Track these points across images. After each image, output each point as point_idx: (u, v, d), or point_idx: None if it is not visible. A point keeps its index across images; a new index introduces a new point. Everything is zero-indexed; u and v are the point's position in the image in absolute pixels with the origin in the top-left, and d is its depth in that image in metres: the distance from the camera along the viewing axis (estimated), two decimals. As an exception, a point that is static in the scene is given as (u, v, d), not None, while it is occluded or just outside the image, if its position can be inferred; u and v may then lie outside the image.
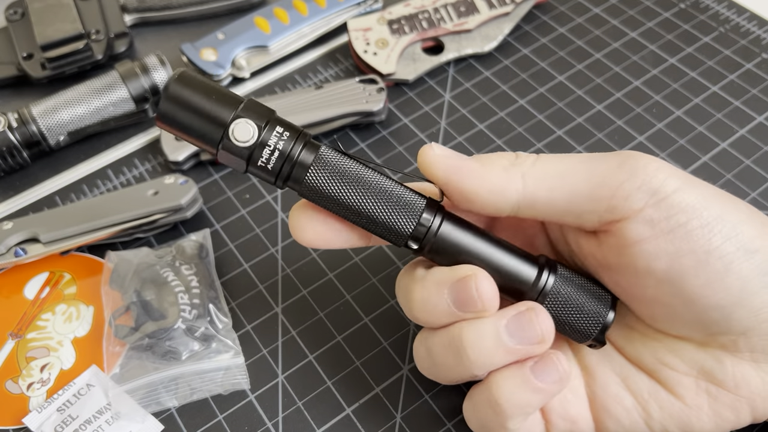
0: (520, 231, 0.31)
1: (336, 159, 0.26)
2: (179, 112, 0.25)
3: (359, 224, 0.27)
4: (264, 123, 0.25)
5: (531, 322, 0.26)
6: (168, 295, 0.34)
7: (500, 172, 0.26)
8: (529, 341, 0.26)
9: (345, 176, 0.26)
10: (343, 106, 0.42)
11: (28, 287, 0.38)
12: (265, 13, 0.48)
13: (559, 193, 0.26)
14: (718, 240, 0.25)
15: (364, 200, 0.26)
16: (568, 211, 0.26)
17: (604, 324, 0.28)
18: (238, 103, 0.25)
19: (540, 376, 0.26)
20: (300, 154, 0.26)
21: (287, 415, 0.32)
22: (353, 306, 0.36)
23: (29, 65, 0.46)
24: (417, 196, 0.27)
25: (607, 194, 0.26)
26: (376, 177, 0.26)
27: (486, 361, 0.26)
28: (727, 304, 0.25)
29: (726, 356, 0.27)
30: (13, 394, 0.34)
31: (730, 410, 0.27)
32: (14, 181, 0.43)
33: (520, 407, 0.26)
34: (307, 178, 0.26)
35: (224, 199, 0.41)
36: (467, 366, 0.26)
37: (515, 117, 0.44)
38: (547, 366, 0.26)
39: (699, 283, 0.25)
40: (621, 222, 0.26)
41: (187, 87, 0.25)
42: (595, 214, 0.26)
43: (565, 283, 0.28)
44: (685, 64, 0.46)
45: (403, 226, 0.26)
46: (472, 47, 0.46)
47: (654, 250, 0.25)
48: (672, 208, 0.25)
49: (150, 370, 0.33)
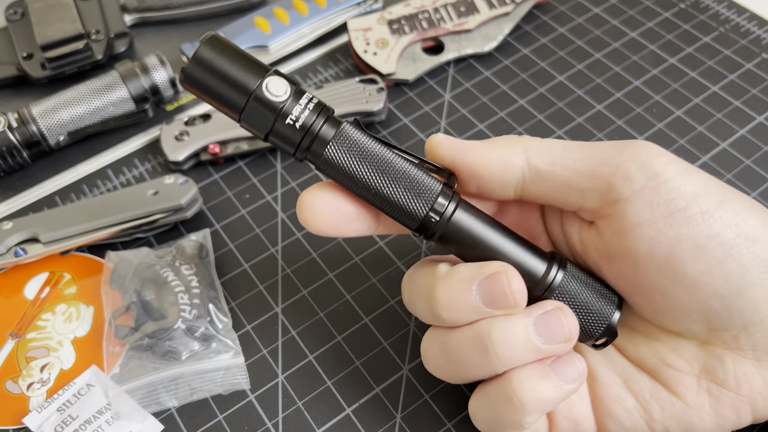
0: (523, 230, 0.31)
1: (357, 136, 0.26)
2: (209, 71, 0.25)
3: (373, 203, 0.27)
4: (294, 88, 0.26)
5: (559, 320, 0.26)
6: (168, 295, 0.34)
7: (504, 144, 0.27)
8: (557, 340, 0.26)
9: (364, 153, 0.26)
10: (343, 106, 0.42)
11: (28, 287, 0.38)
12: (265, 13, 0.48)
13: (560, 169, 0.27)
14: (718, 226, 0.25)
15: (381, 179, 0.26)
16: (570, 187, 0.27)
17: (609, 324, 0.28)
18: (268, 68, 0.26)
19: (560, 373, 0.26)
20: (323, 127, 0.26)
21: (287, 415, 0.32)
22: (353, 306, 0.36)
23: (29, 65, 0.46)
24: (433, 181, 0.27)
25: (607, 171, 0.26)
26: (394, 157, 0.27)
27: (513, 358, 0.26)
28: (726, 292, 0.25)
29: (728, 355, 0.27)
30: (13, 394, 0.34)
31: (731, 410, 0.27)
32: (14, 181, 0.43)
33: (540, 403, 0.26)
34: (327, 151, 0.26)
35: (224, 199, 0.41)
36: (494, 363, 0.26)
37: (515, 117, 0.44)
38: (567, 364, 0.26)
39: (698, 268, 0.25)
40: (621, 202, 0.26)
41: (218, 48, 0.25)
42: (596, 192, 0.26)
43: (573, 279, 0.28)
44: (685, 64, 0.46)
45: (417, 208, 0.26)
46: (472, 47, 0.46)
47: (654, 233, 0.25)
48: (671, 192, 0.25)
49: (150, 370, 0.33)
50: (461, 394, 0.33)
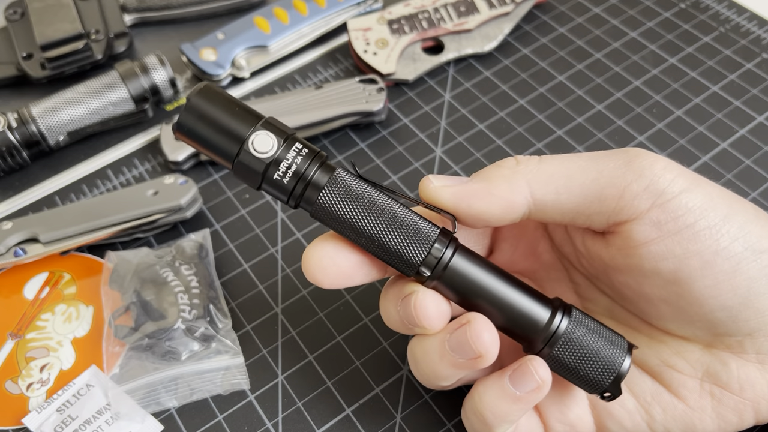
0: (522, 238, 0.31)
1: (350, 182, 0.26)
2: (200, 122, 0.25)
3: (368, 249, 0.26)
4: (284, 138, 0.25)
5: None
6: (168, 295, 0.34)
7: (505, 186, 0.26)
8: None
9: (358, 199, 0.25)
10: (343, 106, 0.42)
11: (27, 287, 0.38)
12: (265, 12, 0.48)
13: (566, 197, 0.26)
14: (725, 241, 0.25)
15: (375, 225, 0.25)
16: (578, 212, 0.26)
17: (618, 373, 0.26)
18: (259, 118, 0.25)
19: (518, 386, 0.26)
20: (315, 174, 0.25)
21: (287, 416, 0.32)
22: (353, 306, 0.36)
23: (29, 65, 0.46)
24: (430, 225, 0.26)
25: (615, 194, 0.25)
26: (389, 202, 0.26)
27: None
28: (734, 304, 0.25)
29: (731, 358, 0.27)
30: (13, 394, 0.34)
31: (734, 412, 0.27)
32: (14, 181, 0.43)
33: (501, 417, 0.26)
34: (320, 198, 0.25)
35: (224, 199, 0.41)
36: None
37: (515, 117, 0.44)
38: (525, 375, 0.26)
39: (706, 284, 0.25)
40: (628, 223, 0.26)
41: (209, 99, 0.25)
42: (603, 215, 0.26)
43: (578, 326, 0.26)
44: (686, 64, 0.46)
45: (414, 254, 0.26)
46: (472, 47, 0.46)
47: (661, 251, 0.25)
48: (679, 209, 0.25)
49: (150, 371, 0.33)
50: (461, 394, 0.33)
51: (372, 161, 0.42)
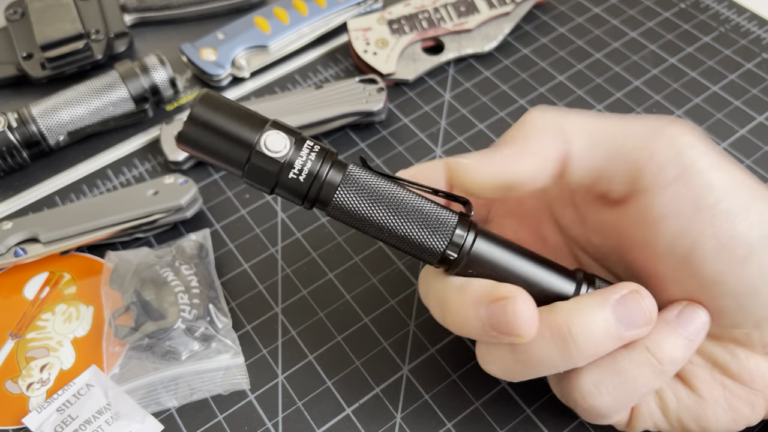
0: (525, 219, 0.31)
1: (365, 177, 0.25)
2: (205, 131, 0.24)
3: (389, 243, 0.26)
4: (295, 138, 0.25)
5: (638, 303, 0.26)
6: (168, 295, 0.34)
7: (545, 135, 0.26)
8: (637, 324, 0.25)
9: (374, 194, 0.25)
10: (343, 106, 0.42)
11: (27, 287, 0.38)
12: (265, 12, 0.48)
13: (597, 151, 0.26)
14: (743, 226, 0.24)
15: (395, 219, 0.25)
16: (603, 171, 0.26)
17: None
18: (265, 120, 0.25)
19: (686, 329, 0.26)
20: (329, 172, 0.25)
21: (287, 415, 0.32)
22: (353, 306, 0.36)
23: (29, 65, 0.46)
24: (448, 212, 0.26)
25: (644, 156, 0.25)
26: (405, 194, 0.26)
27: (597, 351, 0.25)
28: (742, 292, 0.25)
29: (740, 350, 0.27)
30: (13, 394, 0.34)
31: (746, 404, 0.27)
32: (14, 181, 0.43)
33: (676, 362, 0.26)
34: (337, 197, 0.25)
35: (224, 199, 0.41)
36: (575, 358, 0.25)
37: (515, 117, 0.44)
38: (692, 316, 0.26)
39: (718, 268, 0.25)
40: (649, 193, 0.25)
41: (212, 107, 0.25)
42: (626, 179, 0.26)
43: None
44: (685, 64, 0.46)
45: (436, 243, 0.26)
46: (472, 47, 0.46)
47: (678, 228, 0.25)
48: (702, 187, 0.25)
49: (150, 370, 0.33)
50: (461, 394, 0.33)
51: (372, 161, 0.42)
